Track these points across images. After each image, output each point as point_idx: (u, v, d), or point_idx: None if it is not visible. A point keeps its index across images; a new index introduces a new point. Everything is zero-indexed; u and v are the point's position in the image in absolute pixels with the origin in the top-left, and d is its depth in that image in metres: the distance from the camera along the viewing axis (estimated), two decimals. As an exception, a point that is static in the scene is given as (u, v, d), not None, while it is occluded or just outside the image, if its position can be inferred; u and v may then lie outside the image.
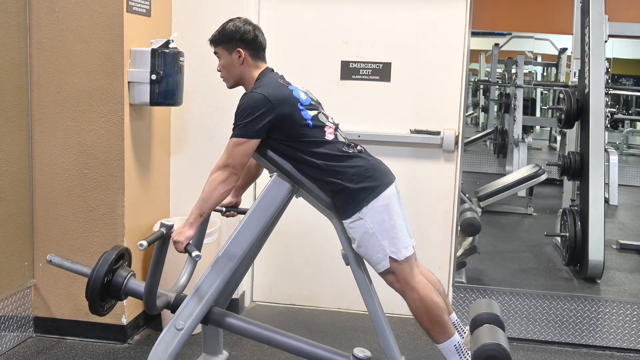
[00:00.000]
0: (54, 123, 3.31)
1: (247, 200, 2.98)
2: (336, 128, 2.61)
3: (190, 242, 2.48)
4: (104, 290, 2.48)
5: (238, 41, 2.56)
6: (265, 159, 2.55)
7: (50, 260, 2.60)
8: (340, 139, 2.58)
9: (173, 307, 2.59)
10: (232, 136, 2.47)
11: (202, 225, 2.59)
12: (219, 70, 2.65)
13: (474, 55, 7.62)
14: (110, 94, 3.26)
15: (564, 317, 3.59)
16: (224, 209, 2.81)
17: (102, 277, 2.46)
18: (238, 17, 2.63)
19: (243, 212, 2.74)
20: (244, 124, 2.43)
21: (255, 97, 2.45)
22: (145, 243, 2.26)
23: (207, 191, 2.46)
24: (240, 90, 2.63)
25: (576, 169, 4.52)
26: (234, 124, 2.47)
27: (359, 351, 2.55)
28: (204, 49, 2.69)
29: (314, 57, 3.85)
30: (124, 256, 2.61)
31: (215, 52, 2.64)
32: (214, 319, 2.61)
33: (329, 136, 2.53)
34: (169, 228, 2.39)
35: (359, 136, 3.69)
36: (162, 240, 2.39)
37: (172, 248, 2.47)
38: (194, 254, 2.40)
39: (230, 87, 2.68)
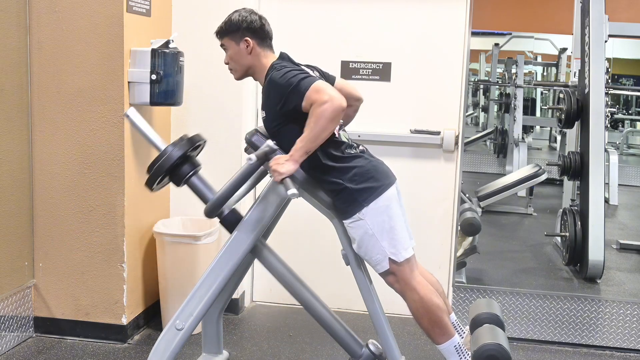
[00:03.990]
0: (54, 123, 3.31)
1: (247, 200, 2.98)
2: (340, 127, 2.60)
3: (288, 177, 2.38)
4: (169, 170, 2.45)
5: (245, 30, 2.54)
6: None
7: (128, 115, 2.55)
8: (343, 139, 2.57)
9: (224, 219, 2.56)
10: (305, 89, 2.34)
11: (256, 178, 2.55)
12: (226, 63, 2.63)
13: (474, 55, 7.63)
14: (110, 94, 3.25)
15: (564, 317, 3.59)
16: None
17: (176, 158, 2.43)
18: (243, 8, 2.61)
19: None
20: (302, 77, 2.37)
21: (285, 64, 2.47)
22: (254, 157, 2.29)
23: (316, 130, 2.33)
24: (244, 85, 2.61)
25: (576, 169, 4.53)
26: (294, 86, 2.37)
27: (372, 344, 2.62)
28: (204, 49, 2.69)
29: (314, 57, 3.80)
30: (199, 147, 2.59)
31: (222, 45, 2.61)
32: (259, 249, 2.62)
33: (334, 135, 2.52)
34: (273, 151, 2.36)
35: (359, 136, 3.68)
36: (262, 161, 2.36)
37: None
38: (289, 191, 2.30)
39: (239, 78, 2.65)
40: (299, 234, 3.89)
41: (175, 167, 2.47)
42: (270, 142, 2.40)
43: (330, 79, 2.67)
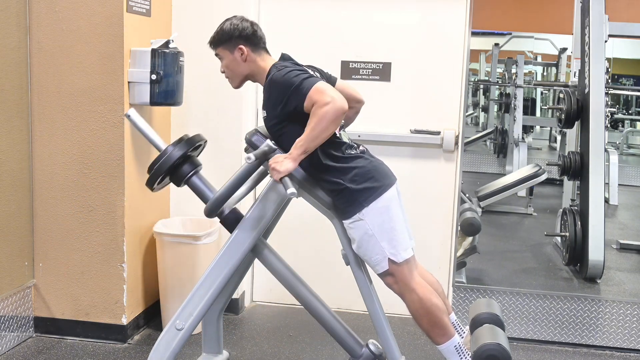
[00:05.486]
0: (54, 123, 3.31)
1: (247, 199, 2.98)
2: (341, 128, 2.60)
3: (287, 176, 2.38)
4: (170, 170, 2.46)
5: (238, 38, 2.55)
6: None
7: (129, 115, 2.54)
8: (344, 139, 2.57)
9: (224, 219, 2.56)
10: (307, 89, 2.33)
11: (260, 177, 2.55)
12: (222, 72, 2.64)
13: (474, 55, 7.62)
14: (110, 94, 3.26)
15: (564, 317, 3.59)
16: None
17: (176, 157, 2.44)
18: (234, 16, 2.62)
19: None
20: (304, 77, 2.37)
21: (287, 65, 2.47)
22: (253, 156, 2.29)
23: (316, 130, 2.32)
24: (244, 85, 2.62)
25: (576, 168, 4.53)
26: (295, 86, 2.36)
27: (372, 344, 2.62)
28: (204, 49, 2.69)
29: (314, 57, 3.80)
30: (200, 147, 2.59)
31: (216, 54, 2.62)
32: (259, 248, 2.62)
33: (335, 135, 2.52)
34: (273, 150, 2.37)
35: (359, 136, 3.68)
36: (261, 160, 2.36)
37: None
38: (289, 190, 2.31)
39: (237, 86, 2.66)
40: (299, 234, 3.90)
41: (176, 167, 2.48)
42: (269, 142, 2.41)
43: (331, 80, 2.67)
